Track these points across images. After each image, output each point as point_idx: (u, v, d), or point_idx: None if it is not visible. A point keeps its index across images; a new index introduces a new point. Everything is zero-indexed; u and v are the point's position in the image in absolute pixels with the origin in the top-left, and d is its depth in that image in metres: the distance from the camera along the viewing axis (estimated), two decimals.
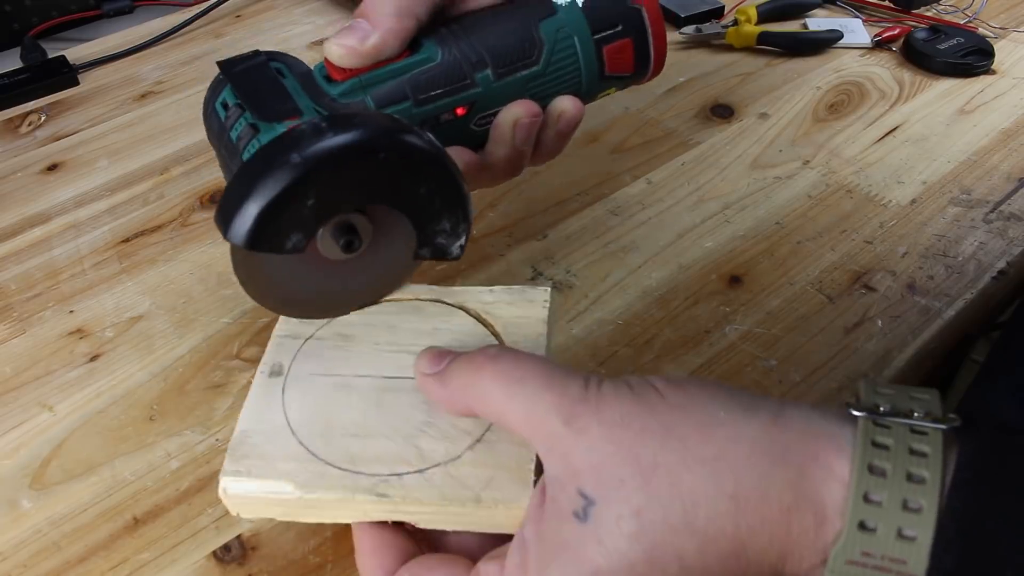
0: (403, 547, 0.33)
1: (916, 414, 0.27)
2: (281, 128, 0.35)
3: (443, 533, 0.34)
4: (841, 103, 0.64)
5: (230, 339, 0.47)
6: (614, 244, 0.52)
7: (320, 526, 0.37)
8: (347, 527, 0.37)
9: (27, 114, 0.67)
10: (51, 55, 0.73)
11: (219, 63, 0.39)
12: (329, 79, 0.39)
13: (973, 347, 0.56)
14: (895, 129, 0.61)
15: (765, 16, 0.72)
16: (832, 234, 0.52)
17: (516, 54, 0.39)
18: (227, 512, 0.38)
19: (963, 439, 0.26)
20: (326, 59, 0.38)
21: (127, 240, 0.54)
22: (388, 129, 0.33)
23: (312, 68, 0.40)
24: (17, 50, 0.75)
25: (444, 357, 0.33)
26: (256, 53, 0.39)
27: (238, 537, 0.37)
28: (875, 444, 0.26)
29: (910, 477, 0.25)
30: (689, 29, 0.71)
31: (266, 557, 0.37)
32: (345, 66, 0.38)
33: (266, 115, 0.36)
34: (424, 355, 0.34)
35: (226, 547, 0.37)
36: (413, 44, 0.39)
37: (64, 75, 0.70)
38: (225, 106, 0.38)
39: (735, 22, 0.71)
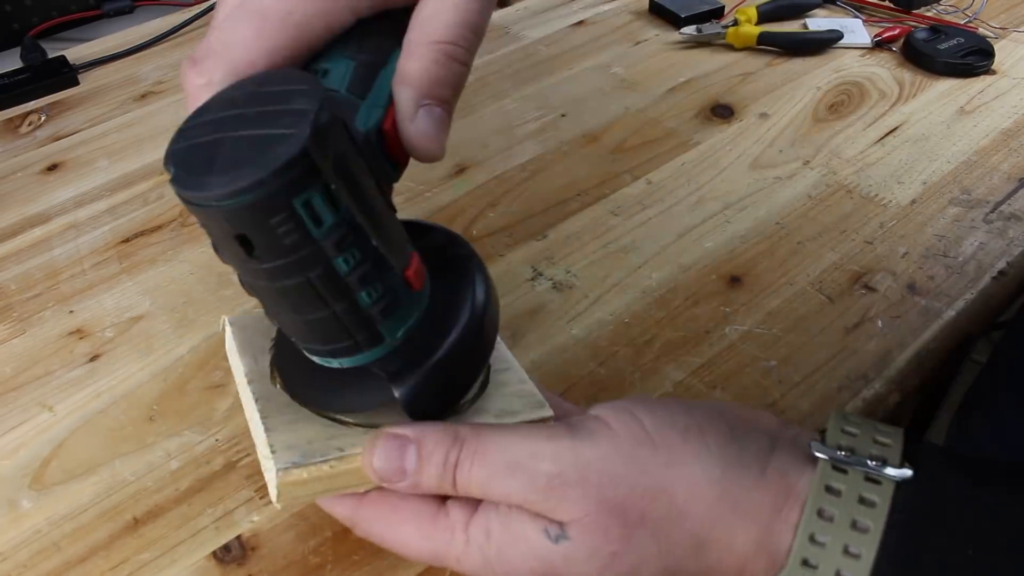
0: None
1: (872, 463, 0.29)
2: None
3: None
4: (841, 103, 0.64)
5: None
6: (614, 244, 0.52)
7: (319, 526, 0.37)
8: (347, 527, 0.37)
9: (27, 114, 0.67)
10: (51, 55, 0.73)
11: None
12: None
13: (973, 347, 0.56)
14: (895, 129, 0.61)
15: (765, 16, 0.72)
16: (832, 234, 0.52)
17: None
18: (227, 512, 0.38)
19: (907, 482, 0.28)
20: None
21: (127, 240, 0.54)
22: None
23: None
24: (17, 50, 0.75)
25: (405, 453, 0.30)
26: None
27: (238, 537, 0.37)
28: (828, 489, 0.28)
29: (855, 525, 0.27)
30: (689, 29, 0.71)
31: (266, 557, 0.37)
32: None
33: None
34: (379, 454, 0.31)
35: (226, 547, 0.37)
36: None
37: (64, 75, 0.70)
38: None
39: (735, 22, 0.71)
